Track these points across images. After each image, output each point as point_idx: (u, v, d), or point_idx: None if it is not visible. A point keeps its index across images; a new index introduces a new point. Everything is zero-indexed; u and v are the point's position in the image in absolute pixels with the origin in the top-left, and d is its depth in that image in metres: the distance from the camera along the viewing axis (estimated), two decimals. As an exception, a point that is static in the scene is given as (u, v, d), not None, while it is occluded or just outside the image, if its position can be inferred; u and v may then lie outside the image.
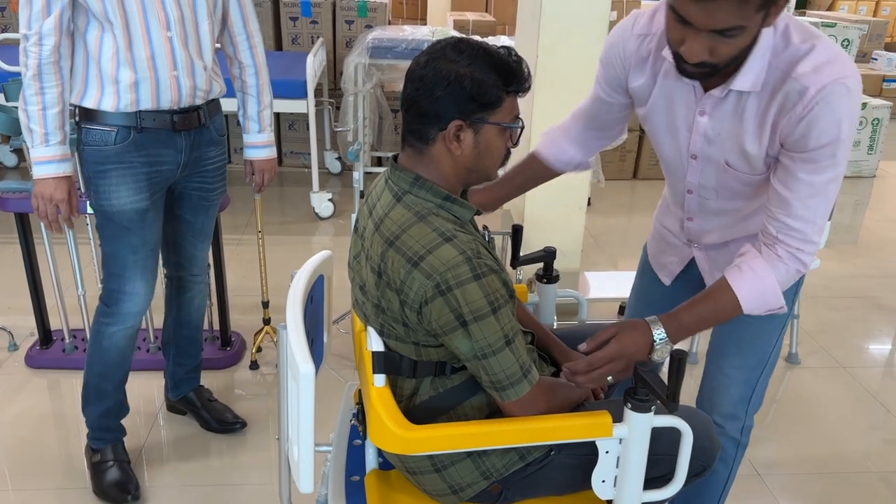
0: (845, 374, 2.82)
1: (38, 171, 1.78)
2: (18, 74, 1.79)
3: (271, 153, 2.17)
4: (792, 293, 1.54)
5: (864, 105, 3.46)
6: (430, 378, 1.32)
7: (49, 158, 1.77)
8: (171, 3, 1.77)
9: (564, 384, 1.35)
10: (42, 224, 1.86)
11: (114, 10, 1.71)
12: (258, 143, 2.13)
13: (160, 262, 2.12)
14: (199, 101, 1.90)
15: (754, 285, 1.33)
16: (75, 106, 1.82)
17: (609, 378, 1.30)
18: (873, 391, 2.72)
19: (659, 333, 1.31)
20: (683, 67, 1.28)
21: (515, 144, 1.33)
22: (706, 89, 1.36)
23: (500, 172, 1.38)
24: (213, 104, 1.99)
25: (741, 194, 1.45)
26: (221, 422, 2.32)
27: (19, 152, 4.53)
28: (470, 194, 1.56)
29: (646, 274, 1.77)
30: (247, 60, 2.04)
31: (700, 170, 1.48)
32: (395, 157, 1.33)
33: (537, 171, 1.74)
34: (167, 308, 2.26)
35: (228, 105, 2.12)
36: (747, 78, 1.29)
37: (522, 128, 1.32)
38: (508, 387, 1.24)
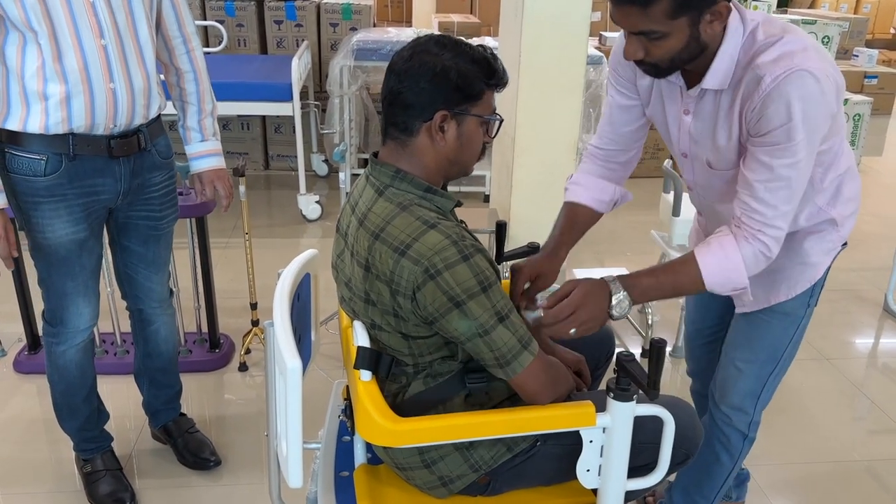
0: (829, 365, 2.85)
1: None
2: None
3: (219, 162, 1.98)
4: (807, 297, 1.56)
5: (846, 101, 3.50)
6: (420, 373, 1.34)
7: None
8: (102, 7, 1.61)
9: (555, 361, 1.37)
10: None
11: (38, 17, 1.54)
12: (203, 153, 1.95)
13: (121, 294, 2.04)
14: (138, 120, 1.74)
15: (718, 260, 1.35)
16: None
17: (572, 331, 1.33)
18: (857, 382, 2.75)
19: (616, 288, 1.34)
20: (637, 65, 1.36)
21: (493, 137, 1.37)
22: (689, 87, 1.40)
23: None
24: (155, 125, 1.83)
25: (728, 195, 1.46)
26: (196, 457, 2.17)
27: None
28: (530, 263, 1.59)
29: None
30: (185, 66, 1.88)
31: (692, 168, 1.54)
32: (376, 154, 1.35)
33: (587, 219, 1.68)
34: (135, 341, 2.14)
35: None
36: (715, 77, 1.34)
37: (501, 121, 1.35)
38: (512, 360, 1.25)
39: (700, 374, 1.92)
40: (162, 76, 1.89)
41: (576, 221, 1.67)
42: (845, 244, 1.57)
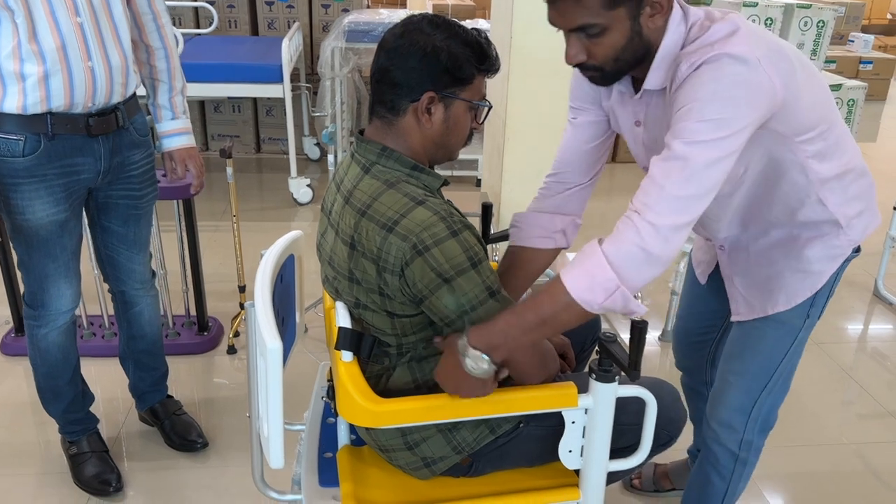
0: (819, 350, 2.86)
1: None
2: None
3: (189, 140, 1.97)
4: (806, 307, 1.43)
5: (839, 86, 3.49)
6: (404, 356, 1.33)
7: None
8: None
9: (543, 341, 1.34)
10: None
11: None
12: (174, 131, 1.93)
13: (102, 277, 2.04)
14: (115, 98, 1.73)
15: (578, 261, 1.17)
16: None
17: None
18: (847, 367, 2.76)
19: (464, 349, 1.18)
20: (582, 72, 1.29)
21: (480, 124, 1.35)
22: (636, 91, 1.33)
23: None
24: (131, 103, 1.81)
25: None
26: (183, 439, 2.17)
27: None
28: None
29: (689, 270, 1.76)
30: (155, 43, 1.85)
31: None
32: (362, 132, 1.33)
33: (532, 259, 1.55)
34: (118, 324, 2.12)
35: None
36: (656, 75, 1.27)
37: (490, 108, 1.33)
38: None
39: (687, 369, 1.89)
40: None
41: (520, 266, 1.55)
42: (858, 250, 1.44)
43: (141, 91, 1.89)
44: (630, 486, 2.06)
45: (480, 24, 4.23)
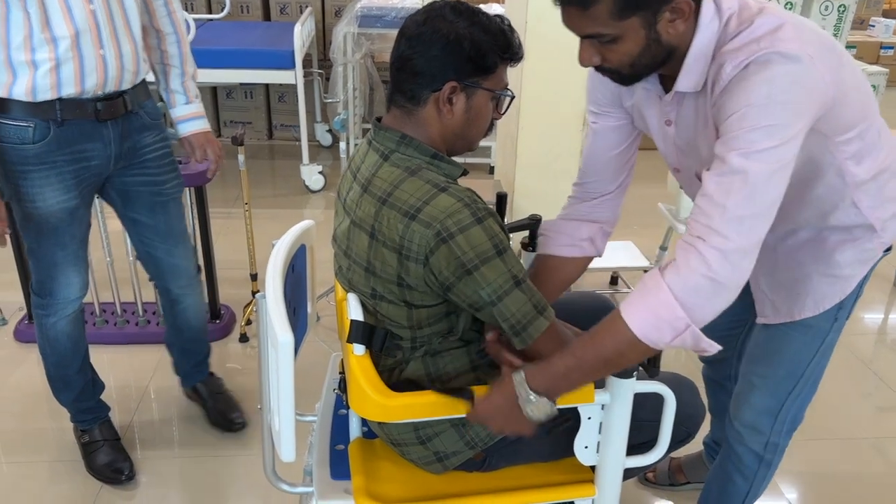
0: (838, 342, 2.81)
1: None
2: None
3: (205, 124, 1.96)
4: (835, 310, 1.37)
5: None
6: (418, 349, 1.31)
7: None
8: None
9: (567, 330, 1.31)
10: None
11: None
12: (188, 116, 1.93)
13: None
14: (126, 86, 1.71)
15: (640, 298, 1.09)
16: None
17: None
18: (866, 359, 2.72)
19: (524, 391, 1.15)
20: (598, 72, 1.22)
21: (502, 114, 1.31)
22: (667, 92, 1.26)
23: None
24: (140, 88, 1.79)
25: None
26: (223, 416, 2.21)
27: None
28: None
29: None
30: (166, 28, 1.84)
31: (688, 184, 1.40)
32: (379, 119, 1.30)
33: (561, 267, 1.50)
34: (164, 315, 2.14)
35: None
36: (689, 78, 1.18)
37: (512, 98, 1.29)
38: (528, 325, 1.20)
39: (712, 362, 1.84)
40: None
41: (546, 275, 1.50)
42: (889, 249, 1.36)
43: (150, 78, 1.88)
44: (644, 479, 2.04)
45: (495, 8, 4.18)
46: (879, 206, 1.30)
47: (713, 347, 1.09)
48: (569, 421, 1.26)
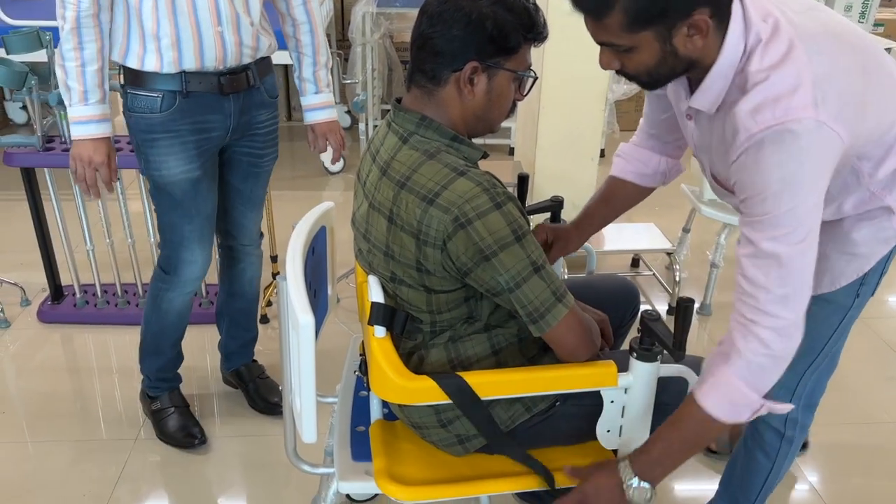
0: (861, 324, 2.75)
1: (76, 132, 1.69)
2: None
3: (331, 114, 2.03)
4: (856, 286, 1.38)
5: (889, 50, 3.34)
6: (438, 335, 1.30)
7: (88, 118, 1.68)
8: None
9: (587, 316, 1.31)
10: (78, 188, 1.80)
11: None
12: (316, 105, 2.01)
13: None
14: (246, 60, 1.78)
15: (714, 389, 1.17)
16: (120, 67, 1.73)
17: None
18: (891, 342, 2.68)
19: (628, 475, 1.23)
20: None
21: (524, 96, 1.29)
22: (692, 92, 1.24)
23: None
24: (264, 63, 1.86)
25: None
26: (266, 401, 2.24)
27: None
28: (551, 226, 1.54)
29: None
30: (301, 17, 1.90)
31: (706, 170, 1.39)
32: (399, 100, 1.29)
33: (627, 194, 1.59)
34: (220, 279, 2.20)
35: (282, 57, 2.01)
36: (705, 97, 1.17)
37: (535, 79, 1.27)
38: (546, 312, 1.19)
39: None
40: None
41: (612, 196, 1.58)
42: None
43: (280, 59, 1.96)
44: (708, 451, 2.03)
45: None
46: None
47: (786, 408, 1.21)
48: None
